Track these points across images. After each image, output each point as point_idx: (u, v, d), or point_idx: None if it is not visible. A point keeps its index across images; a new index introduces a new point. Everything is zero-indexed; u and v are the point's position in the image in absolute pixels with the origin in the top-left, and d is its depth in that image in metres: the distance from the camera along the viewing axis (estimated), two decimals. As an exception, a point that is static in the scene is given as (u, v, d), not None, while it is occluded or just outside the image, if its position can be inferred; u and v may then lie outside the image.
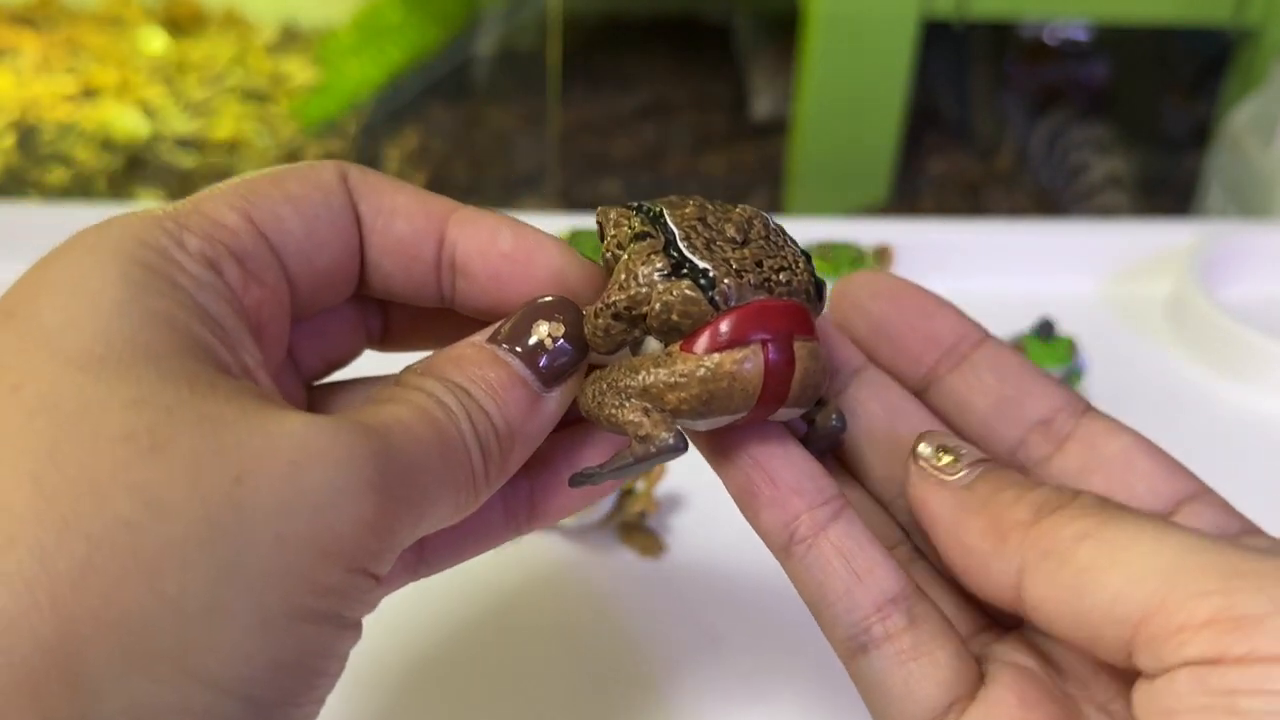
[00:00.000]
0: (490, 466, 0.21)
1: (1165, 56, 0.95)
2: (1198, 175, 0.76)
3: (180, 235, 0.20)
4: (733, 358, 0.21)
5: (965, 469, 0.22)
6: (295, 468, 0.18)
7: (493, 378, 0.21)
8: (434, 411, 0.20)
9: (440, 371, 0.21)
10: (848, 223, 0.56)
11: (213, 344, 0.19)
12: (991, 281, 0.56)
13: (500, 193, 0.87)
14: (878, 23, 0.72)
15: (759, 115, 0.90)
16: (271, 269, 0.21)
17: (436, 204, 0.23)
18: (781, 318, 0.21)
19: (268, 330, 0.21)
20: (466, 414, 0.21)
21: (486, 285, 0.23)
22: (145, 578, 0.16)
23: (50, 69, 0.90)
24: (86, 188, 0.82)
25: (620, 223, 0.23)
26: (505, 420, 0.21)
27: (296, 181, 0.22)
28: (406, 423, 0.20)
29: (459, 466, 0.20)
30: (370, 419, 0.19)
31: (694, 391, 0.21)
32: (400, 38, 0.90)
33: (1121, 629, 0.18)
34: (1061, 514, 0.20)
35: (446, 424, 0.20)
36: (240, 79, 0.92)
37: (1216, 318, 0.51)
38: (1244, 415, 0.49)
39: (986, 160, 0.90)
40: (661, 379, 0.21)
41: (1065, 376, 0.46)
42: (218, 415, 0.17)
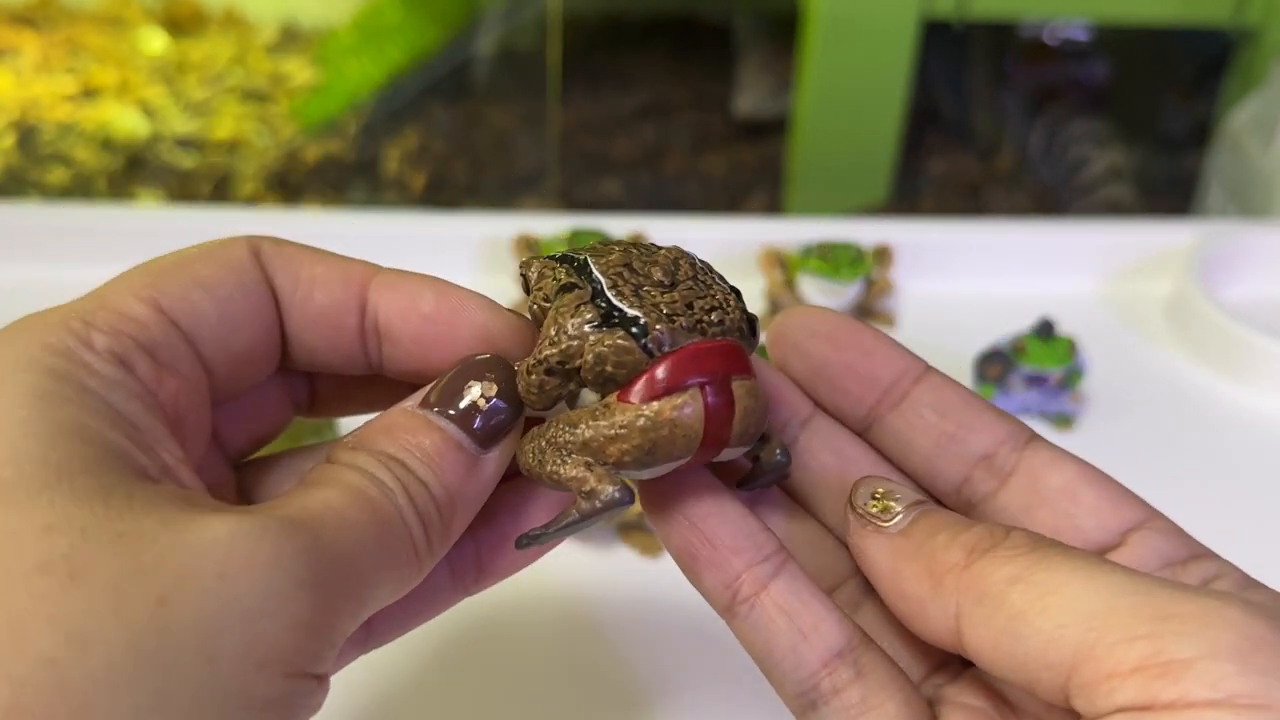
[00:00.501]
0: (432, 537, 0.21)
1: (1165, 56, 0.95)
2: (1198, 175, 0.76)
3: (87, 334, 0.19)
4: (671, 404, 0.20)
5: (901, 513, 0.22)
6: (221, 578, 0.17)
7: (427, 445, 0.21)
8: (368, 491, 0.20)
9: (373, 444, 0.21)
10: (848, 223, 0.56)
11: (127, 449, 0.18)
12: (991, 281, 0.56)
13: (500, 193, 0.87)
14: (878, 23, 0.72)
15: (741, 112, 0.90)
16: (185, 358, 0.20)
17: (355, 270, 0.22)
18: (717, 359, 0.21)
19: (187, 420, 0.20)
20: (403, 487, 0.20)
21: (411, 349, 0.22)
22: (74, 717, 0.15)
23: (50, 69, 0.90)
24: (86, 188, 0.82)
25: (545, 274, 0.22)
26: (444, 487, 0.21)
27: (206, 264, 0.21)
28: (338, 508, 0.19)
29: (399, 544, 0.20)
30: (299, 510, 0.19)
31: (635, 442, 0.20)
32: (400, 38, 0.90)
33: (1055, 674, 0.18)
34: (993, 556, 0.20)
35: (382, 502, 0.20)
36: (240, 79, 0.92)
37: (1216, 318, 0.51)
38: (1244, 415, 0.49)
39: (987, 160, 0.90)
40: (601, 432, 0.21)
41: (1065, 376, 0.46)
42: (136, 531, 0.17)
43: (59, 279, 0.55)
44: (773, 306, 0.54)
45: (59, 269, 0.55)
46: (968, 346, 0.48)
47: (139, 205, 0.79)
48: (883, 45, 0.73)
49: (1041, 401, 0.47)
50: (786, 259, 0.53)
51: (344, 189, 0.84)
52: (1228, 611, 0.17)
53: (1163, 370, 0.52)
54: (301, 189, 0.84)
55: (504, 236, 0.54)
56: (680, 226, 0.56)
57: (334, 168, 0.85)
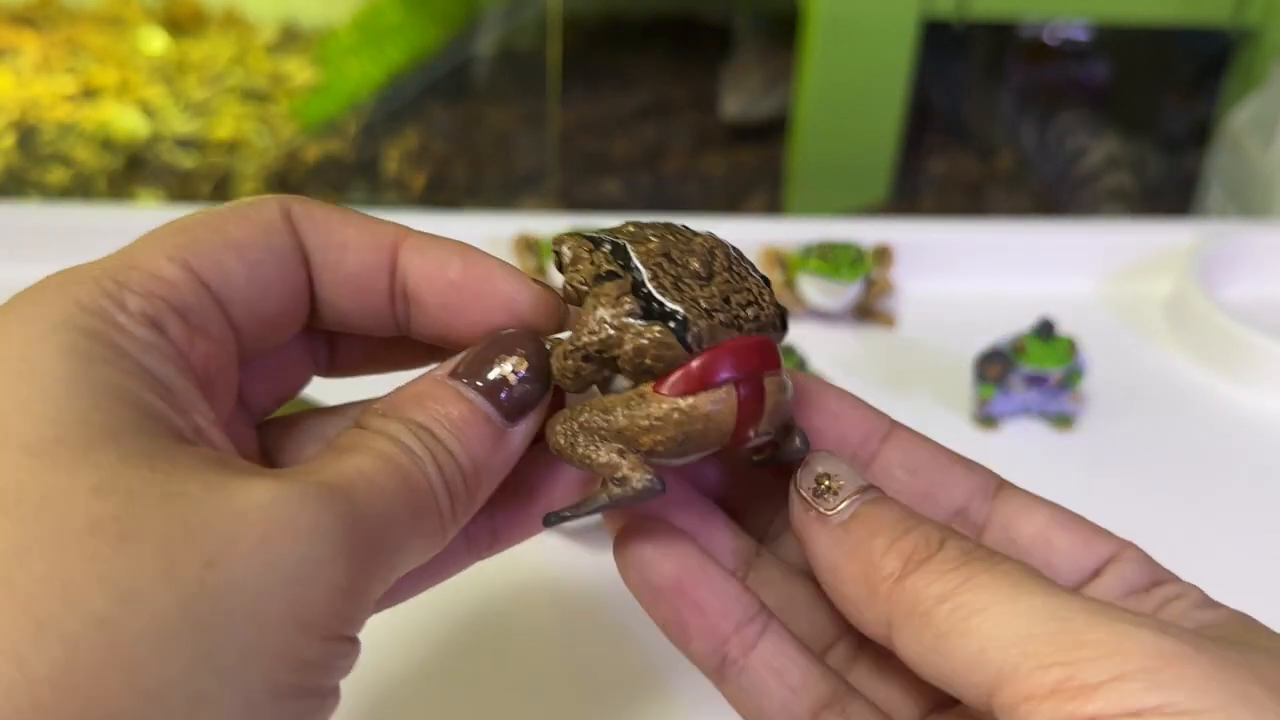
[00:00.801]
0: (457, 506, 0.21)
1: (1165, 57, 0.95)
2: (1198, 175, 0.76)
3: (120, 295, 0.19)
4: (708, 399, 0.21)
5: (844, 502, 0.22)
6: (265, 543, 0.17)
7: (456, 415, 0.21)
8: (399, 459, 0.20)
9: (402, 411, 0.21)
10: (848, 223, 0.56)
11: (165, 411, 0.18)
12: (992, 281, 0.56)
13: (500, 193, 0.87)
14: (878, 23, 0.72)
15: (728, 115, 0.90)
16: (216, 320, 0.20)
17: (386, 233, 0.23)
18: (752, 356, 0.22)
19: (216, 382, 0.21)
20: (432, 456, 0.20)
21: (438, 314, 0.23)
22: (125, 674, 0.16)
23: (50, 69, 0.90)
24: (86, 188, 0.82)
25: (581, 256, 0.22)
26: (470, 458, 0.21)
27: (237, 224, 0.21)
28: (371, 475, 0.19)
29: (427, 512, 0.20)
30: (334, 476, 0.19)
31: (670, 434, 0.21)
32: (400, 38, 0.90)
33: (979, 691, 0.19)
34: (926, 570, 0.20)
35: (412, 470, 0.20)
36: (240, 79, 0.92)
37: (1216, 318, 0.51)
38: (1244, 415, 0.49)
39: (987, 160, 0.90)
40: (637, 422, 0.21)
41: (1065, 376, 0.46)
42: (182, 494, 0.17)
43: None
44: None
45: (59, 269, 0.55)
46: (968, 346, 0.48)
47: (139, 205, 0.79)
48: (883, 45, 0.73)
49: (1041, 401, 0.47)
50: (786, 259, 0.53)
51: (344, 189, 0.84)
52: (1139, 634, 0.18)
53: (1163, 370, 0.52)
54: (302, 189, 0.84)
55: (504, 236, 0.54)
56: (680, 226, 0.56)
57: (334, 167, 0.85)
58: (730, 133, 0.93)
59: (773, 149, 0.90)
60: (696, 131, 0.94)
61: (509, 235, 0.54)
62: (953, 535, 0.21)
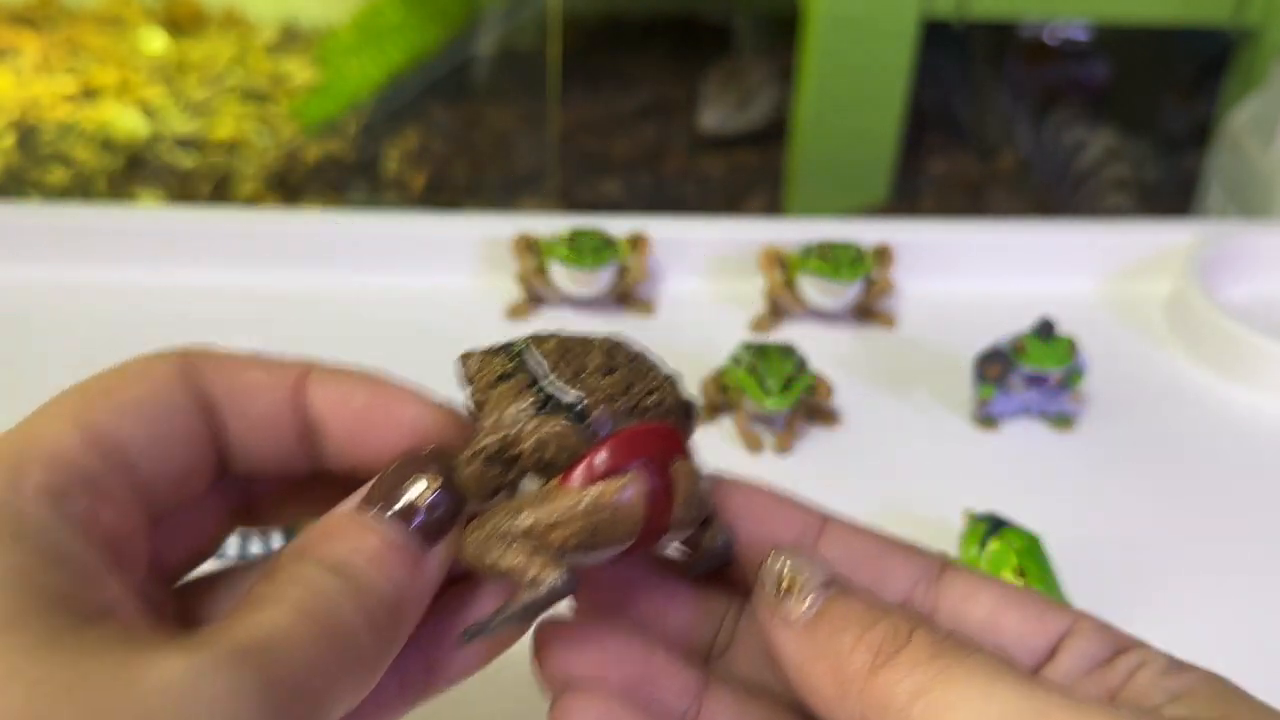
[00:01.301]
0: (382, 640, 0.20)
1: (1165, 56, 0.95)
2: (1198, 175, 0.76)
3: (21, 473, 0.19)
4: (613, 487, 0.20)
5: (809, 598, 0.21)
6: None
7: (371, 547, 0.21)
8: (315, 605, 0.19)
9: (316, 552, 0.21)
10: (848, 223, 0.56)
11: (69, 590, 0.18)
12: (992, 282, 0.56)
13: (500, 193, 0.87)
14: (878, 23, 0.72)
15: (705, 128, 0.90)
16: (120, 486, 0.20)
17: (291, 370, 0.23)
18: (656, 441, 0.21)
19: (125, 550, 0.20)
20: (350, 594, 0.20)
21: (346, 445, 0.23)
22: None
23: (50, 69, 0.90)
24: (87, 188, 0.82)
25: (483, 366, 0.22)
26: (392, 588, 0.21)
27: (133, 386, 0.21)
28: (288, 629, 0.19)
29: (349, 653, 0.20)
30: (247, 636, 0.18)
31: (578, 527, 0.20)
32: (400, 38, 0.90)
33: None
34: (896, 664, 0.20)
35: (329, 615, 0.19)
36: (240, 79, 0.92)
37: (1216, 318, 0.51)
38: (1243, 415, 0.50)
39: (987, 161, 0.90)
40: (543, 518, 0.20)
41: (1065, 376, 0.46)
42: (87, 682, 0.17)
43: (59, 279, 0.55)
44: (773, 307, 0.54)
45: (59, 269, 0.55)
46: (968, 346, 0.48)
47: (139, 205, 0.79)
48: (883, 45, 0.73)
49: (1041, 401, 0.47)
50: (786, 259, 0.53)
51: (344, 189, 0.84)
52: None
53: (1163, 370, 0.52)
54: (301, 189, 0.84)
55: (504, 236, 0.54)
56: (680, 227, 0.56)
57: (334, 168, 0.85)
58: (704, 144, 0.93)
59: (772, 150, 0.90)
60: (696, 132, 0.94)
61: (509, 235, 0.54)
62: (921, 624, 0.21)
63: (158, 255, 0.55)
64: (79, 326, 0.52)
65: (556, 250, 0.52)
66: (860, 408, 0.49)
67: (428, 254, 0.55)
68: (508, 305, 0.54)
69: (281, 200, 0.83)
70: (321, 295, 0.54)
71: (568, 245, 0.52)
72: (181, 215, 0.58)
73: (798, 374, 0.45)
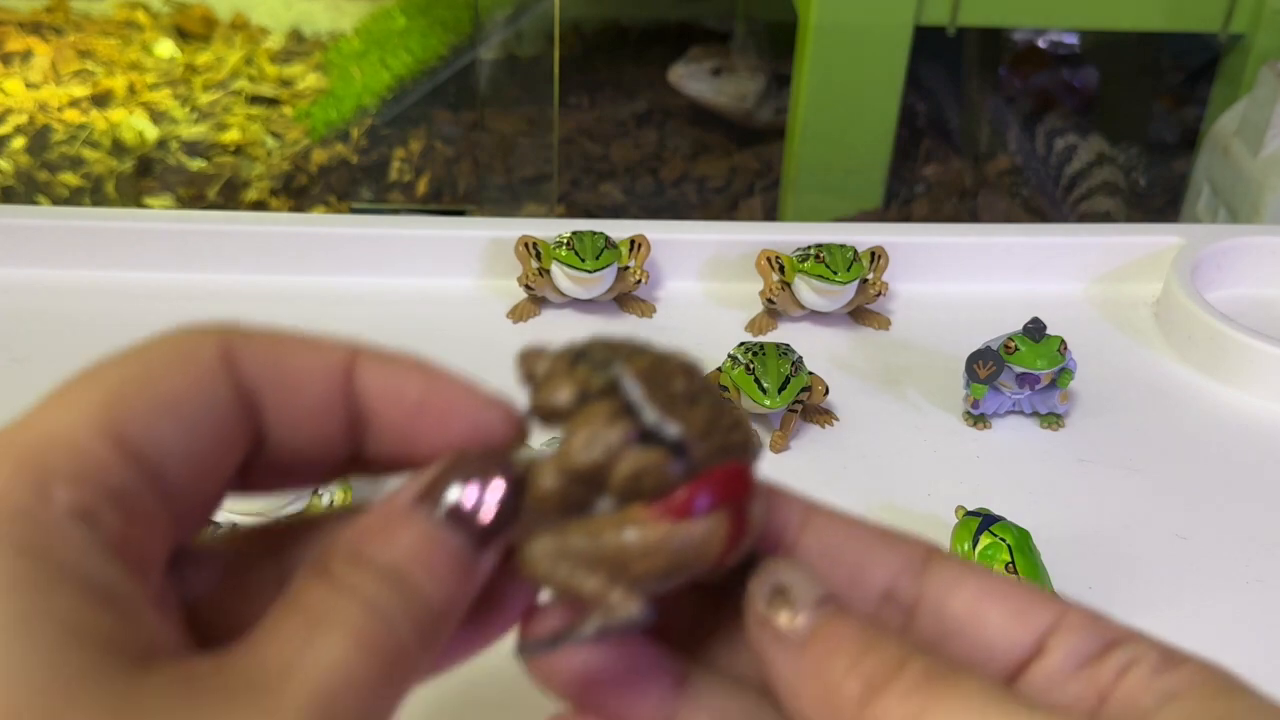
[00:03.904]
0: (427, 652, 0.19)
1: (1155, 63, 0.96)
2: (1186, 180, 0.77)
3: (46, 487, 0.17)
4: (704, 527, 0.20)
5: (802, 616, 0.20)
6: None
7: (428, 552, 0.19)
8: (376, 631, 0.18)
9: (370, 552, 0.19)
10: (843, 228, 0.57)
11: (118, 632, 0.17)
12: (984, 284, 0.57)
13: (503, 197, 0.88)
14: (873, 29, 0.73)
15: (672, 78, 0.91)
16: (148, 497, 0.18)
17: (338, 356, 0.21)
18: (743, 482, 0.21)
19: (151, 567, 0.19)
20: (406, 611, 0.19)
21: (397, 439, 0.21)
22: None
23: (61, 74, 0.91)
24: (97, 191, 0.83)
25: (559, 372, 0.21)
26: (445, 597, 0.19)
27: (170, 378, 0.19)
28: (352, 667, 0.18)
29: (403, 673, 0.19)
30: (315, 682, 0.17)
31: (662, 561, 0.20)
32: (405, 45, 0.91)
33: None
34: (889, 693, 0.19)
35: (389, 642, 0.18)
36: (248, 85, 0.92)
37: (1204, 319, 0.52)
38: (1230, 415, 0.50)
39: (980, 165, 0.91)
40: (630, 548, 0.20)
41: (1056, 375, 0.47)
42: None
43: (68, 282, 0.56)
44: (769, 308, 0.55)
45: (69, 272, 0.55)
46: (960, 347, 0.49)
47: (148, 209, 0.80)
48: (878, 52, 0.73)
49: (1032, 400, 0.48)
50: (784, 261, 0.54)
51: (349, 193, 0.85)
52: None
53: (1151, 371, 0.53)
54: (307, 193, 0.85)
55: (507, 239, 0.55)
56: (679, 230, 0.57)
57: (340, 172, 0.86)
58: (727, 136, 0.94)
59: (770, 154, 0.91)
60: (696, 137, 0.95)
61: (512, 238, 0.55)
62: (914, 653, 0.20)
63: (166, 258, 0.55)
64: (89, 329, 0.52)
65: (558, 253, 0.53)
66: (855, 407, 0.49)
67: (432, 257, 0.56)
68: (510, 307, 0.55)
69: (288, 204, 0.84)
70: (327, 298, 0.55)
71: (569, 248, 0.52)
72: (190, 219, 0.59)
73: (794, 374, 0.46)
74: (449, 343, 0.54)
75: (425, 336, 0.53)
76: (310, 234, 0.56)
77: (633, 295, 0.55)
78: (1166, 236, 0.58)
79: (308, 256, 0.56)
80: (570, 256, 0.52)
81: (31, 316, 0.53)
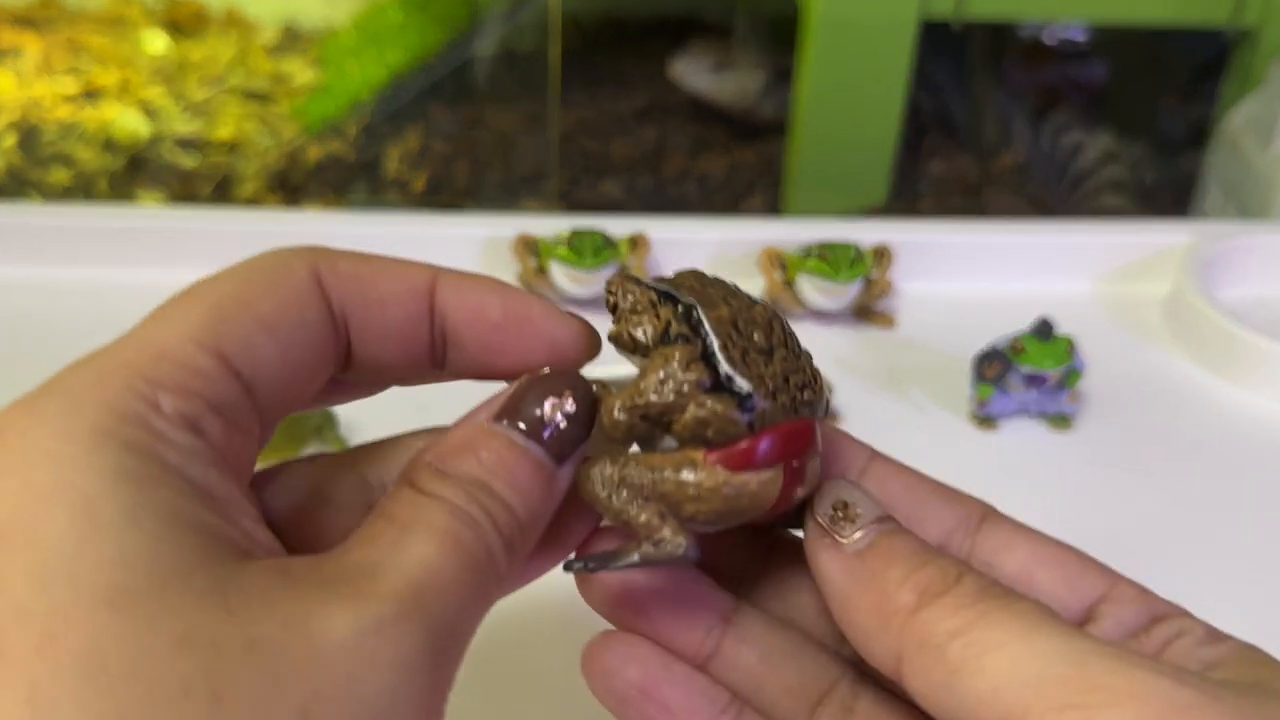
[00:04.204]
0: (514, 562, 0.21)
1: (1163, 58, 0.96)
2: (1196, 176, 0.77)
3: (154, 395, 0.18)
4: (759, 479, 0.21)
5: (861, 531, 0.21)
6: (352, 682, 0.17)
7: (511, 464, 0.21)
8: (463, 536, 0.19)
9: (456, 465, 0.20)
10: (847, 224, 0.56)
11: (220, 527, 0.18)
12: (990, 282, 0.56)
13: (501, 193, 0.87)
14: (877, 23, 0.72)
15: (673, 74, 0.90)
16: (246, 410, 0.20)
17: (421, 277, 0.22)
18: (805, 441, 0.22)
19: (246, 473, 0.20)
20: (491, 519, 0.20)
21: (479, 356, 0.22)
22: None
23: (52, 70, 0.91)
24: (88, 188, 0.82)
25: (644, 307, 0.22)
26: (528, 508, 0.21)
27: (267, 299, 0.20)
28: (441, 568, 0.19)
29: (490, 581, 0.20)
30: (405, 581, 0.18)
31: (714, 506, 0.21)
32: (401, 39, 0.90)
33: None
34: (941, 604, 0.20)
35: (475, 544, 0.19)
36: (241, 80, 0.92)
37: (1214, 318, 0.51)
38: (1241, 415, 0.50)
39: (986, 162, 0.90)
40: (684, 488, 0.21)
41: (1064, 376, 0.47)
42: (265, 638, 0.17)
43: (60, 279, 0.55)
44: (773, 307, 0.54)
45: (60, 269, 0.55)
46: (966, 347, 0.48)
47: (140, 206, 0.79)
48: (882, 46, 0.73)
49: (1040, 401, 0.48)
50: (786, 259, 0.53)
51: (345, 190, 0.85)
52: (1156, 681, 0.18)
53: (1160, 370, 0.52)
54: (302, 189, 0.84)
55: (505, 237, 0.54)
56: (680, 227, 0.57)
57: (335, 168, 0.86)
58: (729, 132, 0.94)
59: (772, 151, 0.90)
60: (696, 133, 0.94)
61: (510, 236, 0.54)
62: (970, 571, 0.21)
63: (159, 256, 0.55)
64: (80, 326, 0.52)
65: (557, 251, 0.52)
66: (859, 407, 0.49)
67: (428, 254, 0.54)
68: (508, 305, 0.54)
69: (282, 201, 0.83)
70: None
71: (568, 246, 0.52)
72: (183, 216, 0.59)
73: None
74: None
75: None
76: (305, 231, 0.56)
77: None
78: (1176, 234, 0.57)
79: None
80: (569, 255, 0.51)
81: (22, 313, 0.53)
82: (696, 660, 0.23)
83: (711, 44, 0.93)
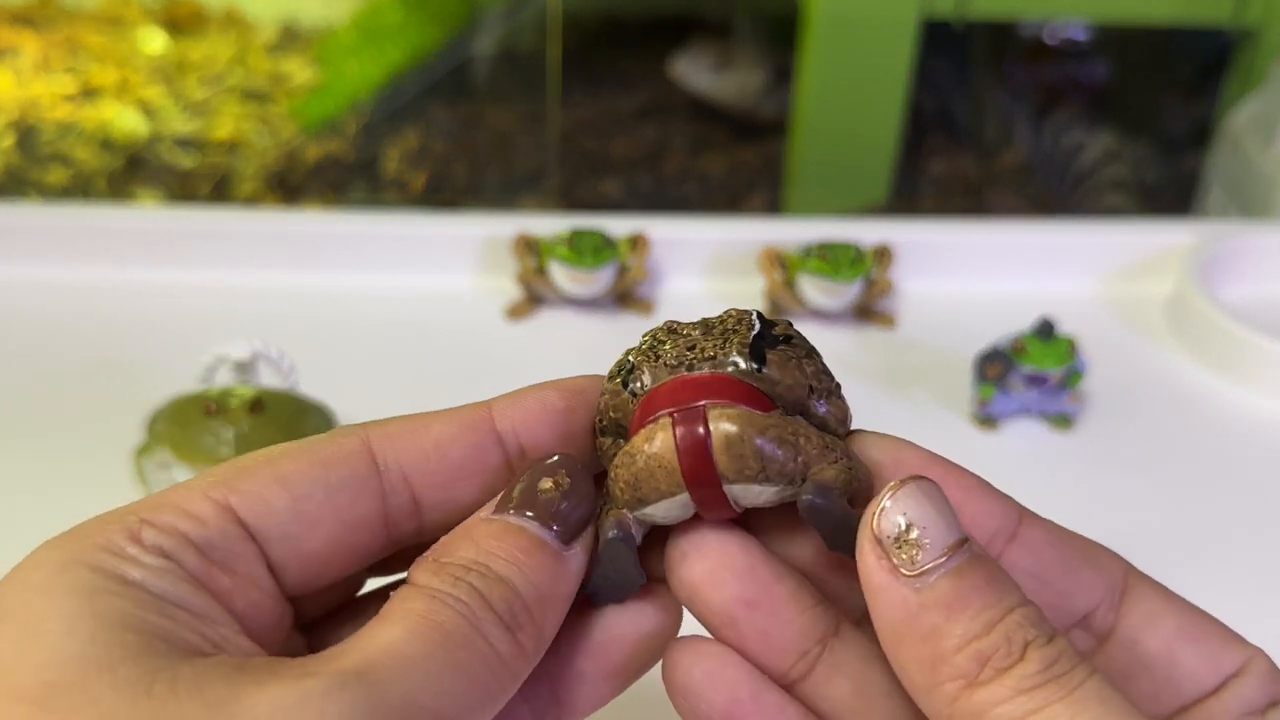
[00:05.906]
0: (522, 638, 0.20)
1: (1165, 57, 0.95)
2: (1198, 176, 0.77)
3: (139, 531, 0.19)
4: (643, 436, 0.21)
5: (929, 565, 0.19)
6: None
7: (509, 543, 0.21)
8: (437, 615, 0.19)
9: (452, 554, 0.20)
10: (847, 223, 0.56)
11: (173, 630, 0.18)
12: (991, 282, 0.56)
13: (500, 193, 0.87)
14: (877, 22, 0.72)
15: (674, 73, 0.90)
16: (244, 557, 0.20)
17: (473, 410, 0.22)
18: (690, 389, 0.21)
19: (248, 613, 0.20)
20: (481, 597, 0.20)
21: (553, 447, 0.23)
22: None
23: (50, 69, 0.91)
24: (86, 188, 0.82)
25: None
26: (532, 585, 0.20)
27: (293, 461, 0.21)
28: (401, 646, 0.18)
29: (477, 661, 0.19)
30: (355, 660, 0.18)
31: (624, 478, 0.21)
32: (400, 38, 0.90)
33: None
34: (1001, 685, 0.18)
35: (454, 622, 0.19)
36: (240, 79, 0.92)
37: (1216, 318, 0.51)
38: (1243, 415, 0.49)
39: (987, 161, 0.90)
40: (611, 476, 0.21)
41: (1065, 376, 0.46)
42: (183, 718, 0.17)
43: (59, 279, 0.55)
44: (773, 307, 0.54)
45: (59, 269, 0.55)
46: (967, 346, 0.48)
47: (139, 205, 0.79)
48: (883, 45, 0.73)
49: (1041, 401, 0.47)
50: (786, 259, 0.53)
51: (344, 189, 0.85)
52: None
53: (1162, 370, 0.52)
54: (301, 189, 0.84)
55: (504, 236, 0.54)
56: (680, 227, 0.56)
57: (334, 167, 0.86)
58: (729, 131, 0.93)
59: (773, 149, 0.90)
60: (696, 132, 0.94)
61: (509, 235, 0.54)
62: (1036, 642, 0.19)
63: (157, 255, 0.54)
64: (79, 326, 0.52)
65: (556, 250, 0.52)
66: (860, 408, 0.48)
67: (428, 254, 0.55)
68: (507, 305, 0.54)
69: (281, 200, 0.83)
70: (321, 295, 0.54)
71: (567, 245, 0.52)
72: (181, 215, 0.58)
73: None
74: (445, 341, 0.53)
75: (421, 334, 0.52)
76: (304, 230, 0.56)
77: (633, 293, 0.54)
78: (1177, 234, 0.57)
79: (301, 253, 0.55)
80: (568, 254, 0.51)
81: (20, 313, 0.52)
82: (785, 681, 0.22)
83: (712, 43, 0.93)
